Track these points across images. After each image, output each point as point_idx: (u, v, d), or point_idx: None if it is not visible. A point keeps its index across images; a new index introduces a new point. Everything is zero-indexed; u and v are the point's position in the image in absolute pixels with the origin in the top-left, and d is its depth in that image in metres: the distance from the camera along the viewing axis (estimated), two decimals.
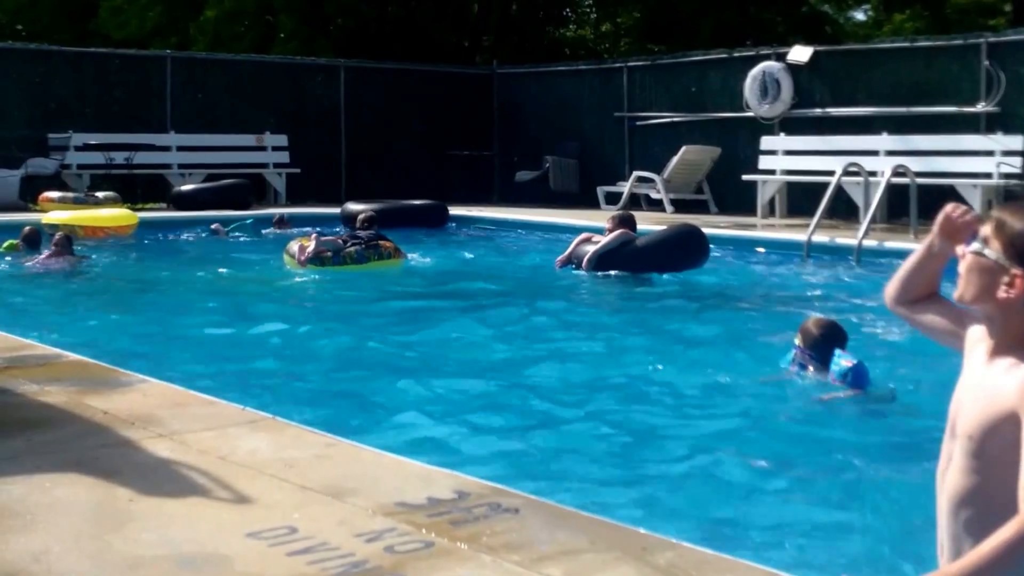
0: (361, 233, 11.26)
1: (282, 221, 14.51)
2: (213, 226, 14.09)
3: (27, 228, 11.67)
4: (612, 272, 10.09)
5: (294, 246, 11.03)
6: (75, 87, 17.73)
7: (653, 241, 10.34)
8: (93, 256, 11.46)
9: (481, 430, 5.10)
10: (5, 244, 11.43)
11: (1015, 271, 2.24)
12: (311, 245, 10.75)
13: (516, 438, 4.97)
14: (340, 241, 10.96)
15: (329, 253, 10.70)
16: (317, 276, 10.45)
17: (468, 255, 13.01)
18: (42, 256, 10.78)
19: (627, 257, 10.16)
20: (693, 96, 17.81)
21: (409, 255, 11.58)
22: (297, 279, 10.51)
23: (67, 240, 10.98)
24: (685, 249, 10.28)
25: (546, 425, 5.20)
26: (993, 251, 2.28)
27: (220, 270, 11.12)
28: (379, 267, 10.81)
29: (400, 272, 10.91)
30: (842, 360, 5.37)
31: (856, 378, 5.29)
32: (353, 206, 14.28)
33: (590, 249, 10.30)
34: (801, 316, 6.49)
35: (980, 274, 2.29)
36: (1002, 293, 2.26)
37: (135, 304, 9.09)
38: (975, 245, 2.32)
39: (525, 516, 3.14)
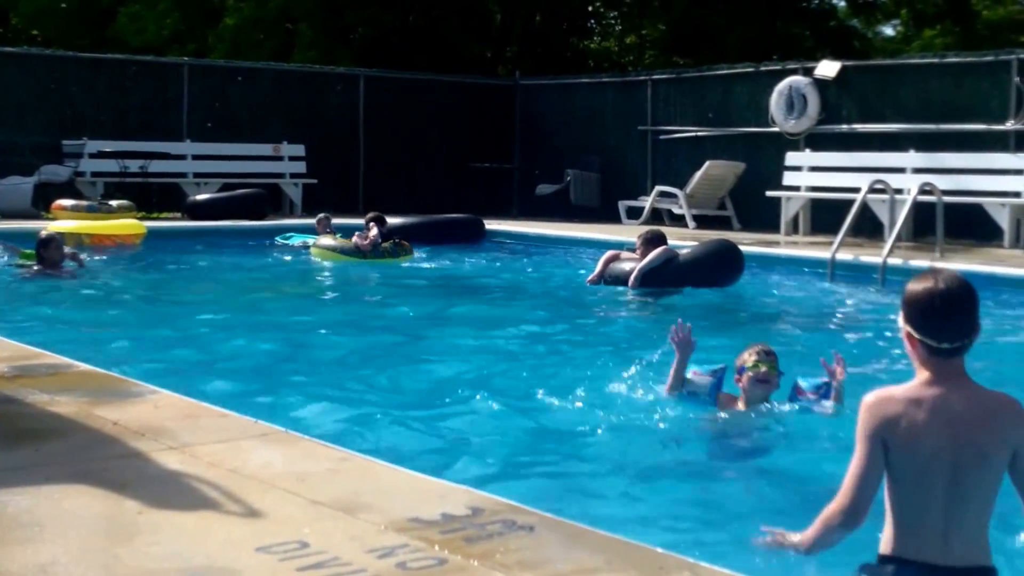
0: (374, 231, 12.18)
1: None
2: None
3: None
4: (656, 289, 10.01)
5: (328, 239, 12.58)
6: (91, 94, 17.76)
7: (695, 257, 10.29)
8: (100, 265, 11.39)
9: (496, 446, 5.04)
10: (27, 252, 11.37)
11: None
12: (374, 230, 12.16)
13: (532, 454, 4.92)
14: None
15: (370, 247, 12.07)
16: (326, 285, 10.67)
17: (494, 269, 12.98)
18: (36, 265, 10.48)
19: (671, 273, 10.10)
20: (718, 110, 17.76)
21: (430, 264, 11.86)
22: (307, 289, 10.57)
23: (50, 242, 10.51)
24: (725, 265, 10.26)
25: (563, 441, 5.14)
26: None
27: (231, 279, 11.13)
28: (402, 261, 12.27)
29: (423, 285, 10.92)
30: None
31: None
32: (388, 219, 14.39)
33: (625, 266, 10.23)
34: (826, 335, 6.42)
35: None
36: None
37: (146, 314, 9.07)
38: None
39: (540, 533, 3.10)
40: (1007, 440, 2.97)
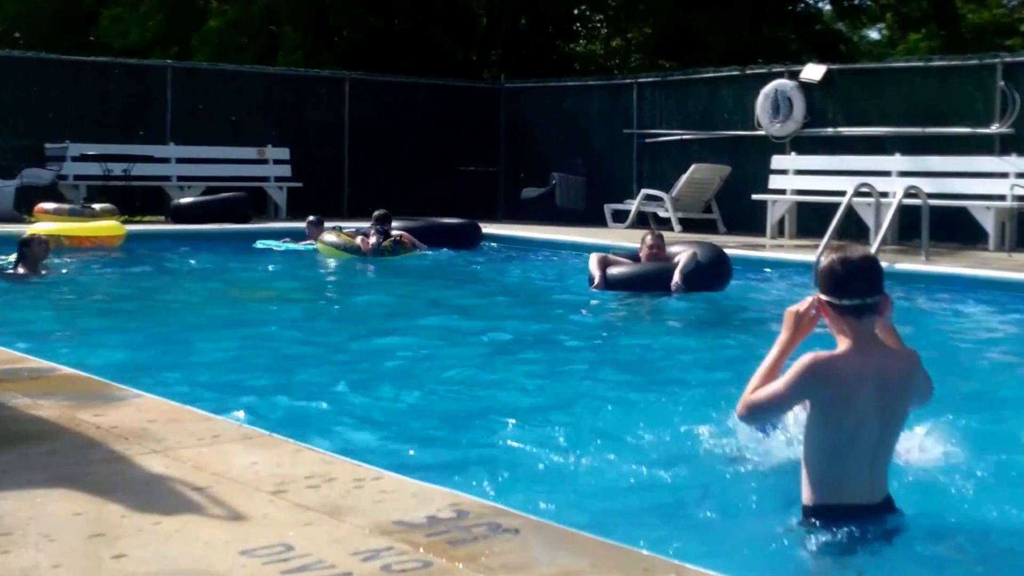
0: (378, 228, 12.86)
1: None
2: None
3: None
4: (660, 292, 10.04)
5: (332, 236, 13.15)
6: (73, 96, 17.67)
7: (706, 261, 10.31)
8: (82, 268, 11.33)
9: (482, 449, 5.04)
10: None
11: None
12: (373, 238, 12.79)
13: (519, 457, 4.91)
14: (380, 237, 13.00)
15: (370, 245, 12.79)
16: (314, 286, 10.70)
17: (489, 271, 13.03)
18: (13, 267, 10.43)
19: (697, 276, 10.14)
20: (704, 113, 17.80)
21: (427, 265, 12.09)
22: (292, 290, 10.57)
23: (31, 241, 10.51)
24: (722, 270, 10.33)
25: (550, 444, 5.13)
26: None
27: (214, 282, 11.10)
28: (405, 258, 12.86)
29: (417, 287, 10.95)
30: None
31: None
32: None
33: (625, 269, 10.22)
34: (812, 337, 6.39)
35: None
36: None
37: (129, 317, 9.02)
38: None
39: (525, 537, 3.09)
40: (913, 387, 3.48)
